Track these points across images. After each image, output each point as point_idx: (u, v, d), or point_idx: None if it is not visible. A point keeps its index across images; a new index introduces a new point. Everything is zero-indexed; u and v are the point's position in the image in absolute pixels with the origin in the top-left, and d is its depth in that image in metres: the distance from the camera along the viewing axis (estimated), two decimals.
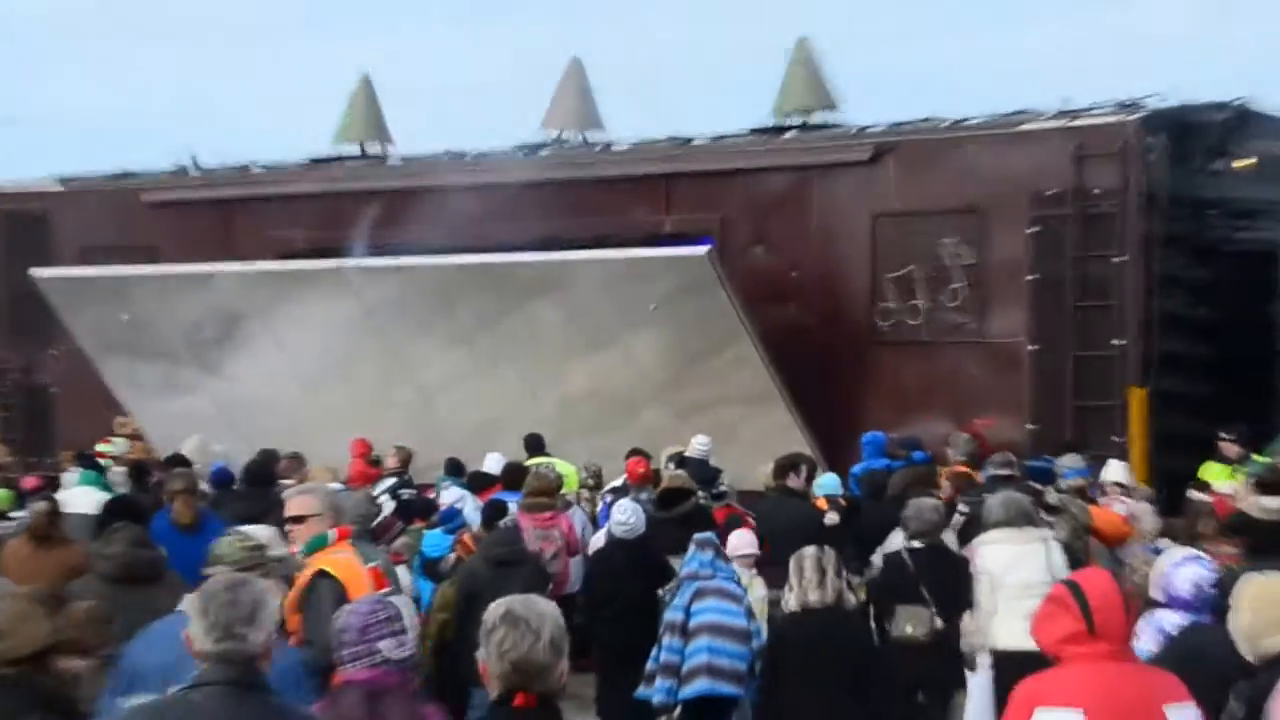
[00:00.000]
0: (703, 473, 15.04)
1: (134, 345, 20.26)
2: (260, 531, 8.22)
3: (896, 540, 11.96)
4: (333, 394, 19.36)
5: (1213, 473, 15.02)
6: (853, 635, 9.30)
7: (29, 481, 17.11)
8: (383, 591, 8.03)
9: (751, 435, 16.81)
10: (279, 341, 19.40)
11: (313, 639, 7.94)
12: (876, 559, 12.43)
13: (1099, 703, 5.66)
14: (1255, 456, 14.84)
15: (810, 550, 9.43)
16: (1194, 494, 14.03)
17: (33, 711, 5.49)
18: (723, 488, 15.13)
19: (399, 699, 6.06)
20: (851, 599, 9.46)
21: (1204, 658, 6.80)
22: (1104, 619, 5.76)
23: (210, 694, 4.95)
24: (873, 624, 11.04)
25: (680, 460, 15.50)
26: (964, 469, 14.64)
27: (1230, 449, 15.28)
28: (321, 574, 8.18)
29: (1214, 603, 8.43)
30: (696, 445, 15.98)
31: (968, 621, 11.13)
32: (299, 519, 8.51)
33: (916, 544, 11.29)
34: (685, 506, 13.23)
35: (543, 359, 18.14)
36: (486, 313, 18.25)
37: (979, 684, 11.53)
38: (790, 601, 9.28)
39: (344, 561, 8.27)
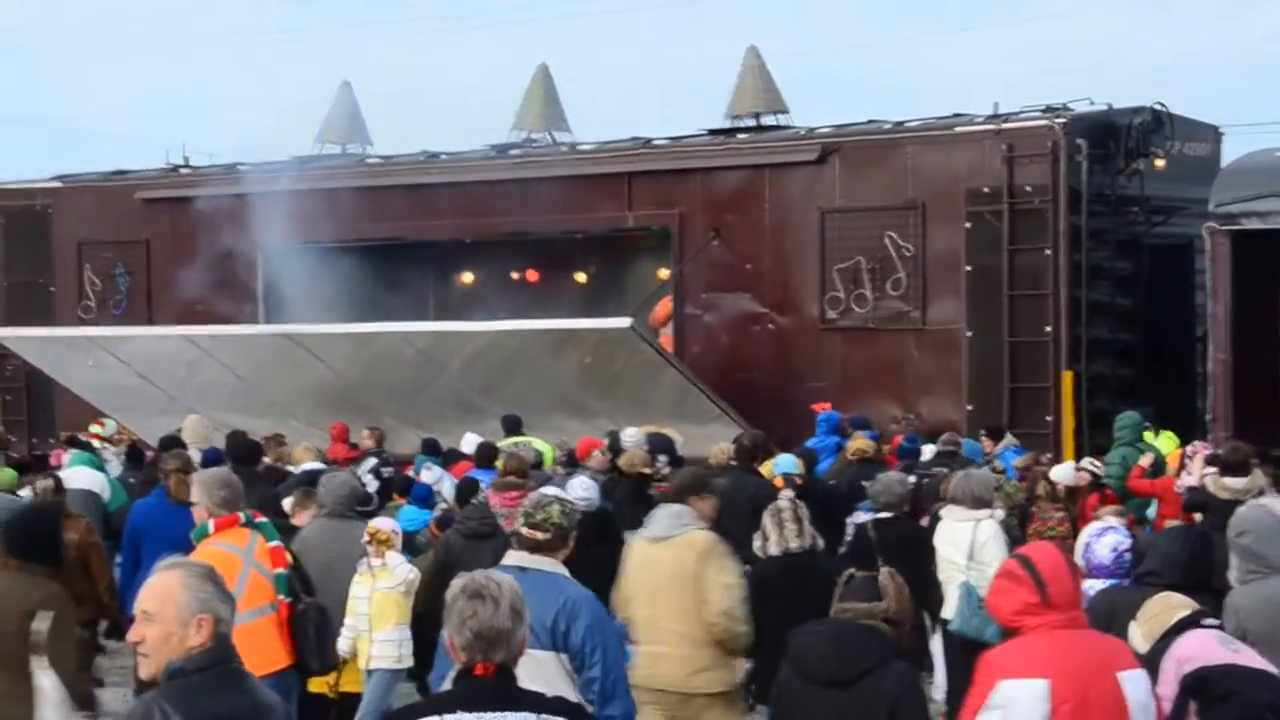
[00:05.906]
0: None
1: (97, 375, 20.79)
2: None
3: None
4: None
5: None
6: (828, 576, 9.12)
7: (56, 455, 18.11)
8: (277, 571, 8.21)
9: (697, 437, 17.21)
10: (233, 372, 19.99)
11: None
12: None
13: (1060, 671, 5.69)
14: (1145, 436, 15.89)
15: (786, 504, 9.92)
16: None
17: (892, 660, 6.31)
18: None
19: None
20: (820, 543, 9.93)
21: (1115, 616, 7.02)
22: (1056, 589, 5.79)
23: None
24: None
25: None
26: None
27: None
28: None
29: (1130, 566, 8.98)
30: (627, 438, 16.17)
31: None
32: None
33: (884, 515, 11.44)
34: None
35: (495, 393, 18.60)
36: (439, 359, 18.86)
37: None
38: (770, 547, 9.58)
39: (217, 553, 7.93)
